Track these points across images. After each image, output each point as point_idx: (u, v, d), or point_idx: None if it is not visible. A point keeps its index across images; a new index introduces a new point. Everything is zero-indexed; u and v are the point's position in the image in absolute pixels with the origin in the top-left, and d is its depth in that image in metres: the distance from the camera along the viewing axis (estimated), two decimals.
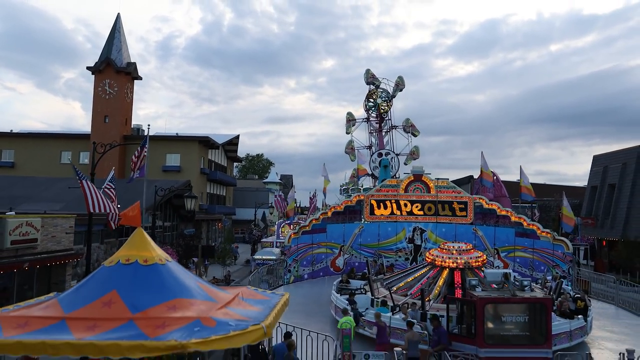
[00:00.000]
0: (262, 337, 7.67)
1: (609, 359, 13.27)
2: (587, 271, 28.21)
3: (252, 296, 9.99)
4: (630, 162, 39.49)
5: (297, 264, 23.76)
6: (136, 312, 7.51)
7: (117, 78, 53.49)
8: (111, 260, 8.69)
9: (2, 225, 15.73)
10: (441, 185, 25.93)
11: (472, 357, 11.60)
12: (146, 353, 6.83)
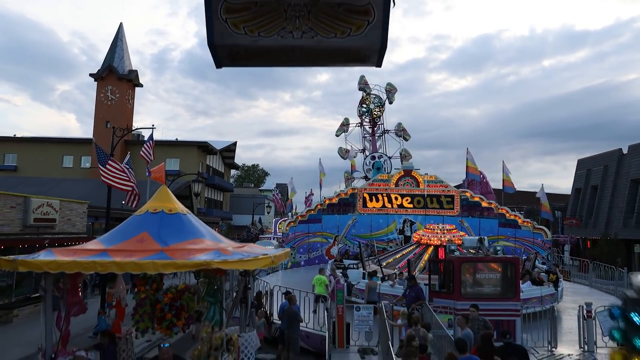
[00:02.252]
0: (270, 264, 9.27)
1: (571, 314, 14.88)
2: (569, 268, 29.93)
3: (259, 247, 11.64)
4: (611, 165, 41.41)
5: (294, 251, 25.32)
6: (165, 246, 9.11)
7: (119, 85, 55.24)
8: (140, 211, 10.32)
9: (27, 203, 17.27)
10: (430, 179, 27.65)
11: (450, 309, 13.17)
12: (177, 269, 8.45)
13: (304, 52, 3.44)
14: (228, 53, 3.43)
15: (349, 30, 3.17)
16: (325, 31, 3.19)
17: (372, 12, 3.10)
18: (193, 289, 11.45)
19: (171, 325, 10.41)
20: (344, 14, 3.14)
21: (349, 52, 3.32)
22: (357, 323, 12.98)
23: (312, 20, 3.16)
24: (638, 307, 1.78)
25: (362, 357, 12.41)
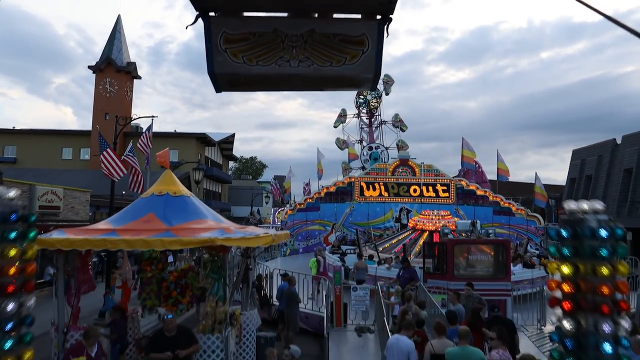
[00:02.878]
0: (270, 242, 9.77)
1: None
2: None
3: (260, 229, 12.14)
4: (605, 155, 41.94)
5: (292, 239, 25.84)
6: (170, 226, 9.56)
7: (118, 77, 55.40)
8: (146, 194, 10.78)
9: (32, 191, 17.71)
10: (426, 168, 28.12)
11: (444, 289, 13.70)
12: (183, 246, 8.93)
13: (301, 79, 3.55)
14: (228, 80, 3.54)
15: (344, 59, 3.25)
16: (322, 60, 3.26)
17: (367, 42, 3.20)
18: (196, 268, 11.97)
19: (176, 303, 10.96)
20: (339, 44, 3.23)
21: (345, 79, 3.46)
22: (354, 303, 13.49)
23: (309, 50, 3.23)
24: (568, 225, 2.18)
25: (359, 335, 12.92)
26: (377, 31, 3.18)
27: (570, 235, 2.15)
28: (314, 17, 3.19)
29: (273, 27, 3.15)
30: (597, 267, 2.06)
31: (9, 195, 2.24)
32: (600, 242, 2.05)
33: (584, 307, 2.10)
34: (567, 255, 2.17)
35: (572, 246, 2.14)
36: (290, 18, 3.17)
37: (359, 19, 3.21)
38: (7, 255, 2.14)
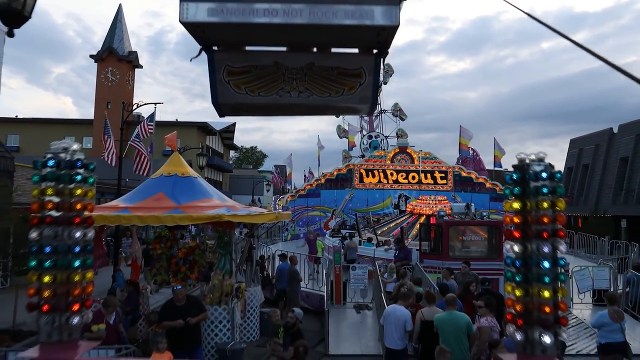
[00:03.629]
0: (274, 219, 10.37)
1: None
2: None
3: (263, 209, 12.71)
4: (602, 144, 42.47)
5: (293, 224, 26.47)
6: (179, 204, 10.14)
7: (119, 66, 55.73)
8: (155, 175, 11.35)
9: None
10: (424, 156, 28.68)
11: (439, 269, 14.31)
12: (193, 221, 9.51)
13: (301, 107, 3.72)
14: (231, 108, 3.70)
15: (343, 90, 3.35)
16: (321, 91, 3.36)
17: (364, 74, 3.30)
18: (203, 246, 12.57)
19: (185, 278, 11.56)
20: (337, 77, 3.33)
21: (343, 108, 3.70)
22: (353, 282, 14.09)
23: (308, 82, 3.33)
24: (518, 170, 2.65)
25: (358, 312, 13.53)
26: (374, 64, 3.29)
27: (519, 178, 2.70)
28: (313, 52, 3.31)
29: (274, 61, 3.26)
30: (539, 203, 2.62)
31: (74, 147, 2.79)
32: (542, 183, 2.61)
33: (530, 235, 2.66)
34: (517, 193, 2.72)
35: (521, 187, 2.70)
36: (290, 52, 3.29)
37: (356, 54, 3.33)
38: (74, 193, 2.70)
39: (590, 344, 11.10)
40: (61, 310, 2.61)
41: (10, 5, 4.25)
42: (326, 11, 2.73)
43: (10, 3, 4.25)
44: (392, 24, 2.78)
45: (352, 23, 2.75)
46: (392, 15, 2.76)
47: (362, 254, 16.93)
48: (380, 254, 16.65)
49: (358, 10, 2.73)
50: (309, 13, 2.73)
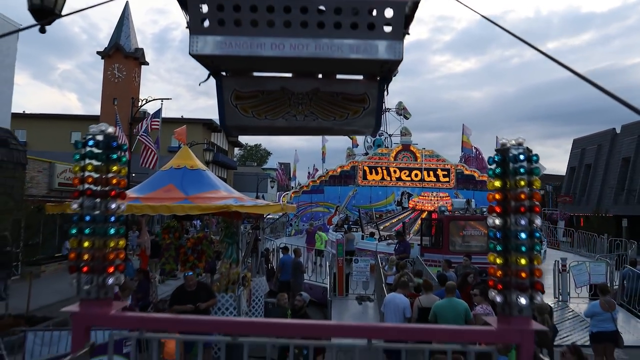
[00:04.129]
0: (280, 210, 10.74)
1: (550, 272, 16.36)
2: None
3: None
4: (604, 144, 42.68)
5: (297, 220, 26.86)
6: (188, 195, 10.52)
7: (126, 63, 56.14)
8: (165, 167, 11.75)
9: (52, 168, 18.75)
10: (427, 154, 29.00)
11: (439, 262, 14.67)
12: (202, 211, 9.88)
13: (306, 130, 3.82)
14: (239, 129, 3.84)
15: (347, 114, 3.43)
16: (326, 115, 3.43)
17: (368, 100, 3.36)
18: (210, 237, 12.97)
19: (194, 267, 11.95)
20: (342, 102, 3.38)
21: (347, 130, 3.80)
22: (356, 274, 14.47)
23: (314, 106, 3.39)
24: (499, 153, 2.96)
25: (360, 303, 13.90)
26: (378, 90, 3.34)
27: (500, 160, 3.06)
28: (319, 78, 3.36)
29: (280, 86, 3.31)
30: (517, 181, 2.98)
31: (109, 130, 3.17)
32: (520, 164, 2.97)
33: (509, 209, 3.02)
34: (498, 173, 3.08)
35: (502, 167, 3.05)
36: (296, 78, 3.33)
37: (361, 80, 3.38)
38: (110, 170, 3.08)
39: (585, 335, 11.42)
40: (98, 272, 2.99)
41: (43, 3, 4.60)
42: (331, 45, 2.81)
43: (42, 1, 4.60)
44: (396, 58, 2.87)
45: (357, 57, 2.83)
46: (396, 50, 2.84)
47: (365, 248, 17.31)
48: (382, 248, 17.02)
49: (363, 44, 2.81)
50: (314, 47, 2.81)
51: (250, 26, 2.78)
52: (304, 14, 2.75)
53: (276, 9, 2.74)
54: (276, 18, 2.76)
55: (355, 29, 2.78)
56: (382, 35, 2.81)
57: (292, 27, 2.77)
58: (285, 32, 2.78)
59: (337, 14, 2.75)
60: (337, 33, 2.78)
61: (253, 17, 2.76)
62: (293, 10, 2.74)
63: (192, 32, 2.83)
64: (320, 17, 2.76)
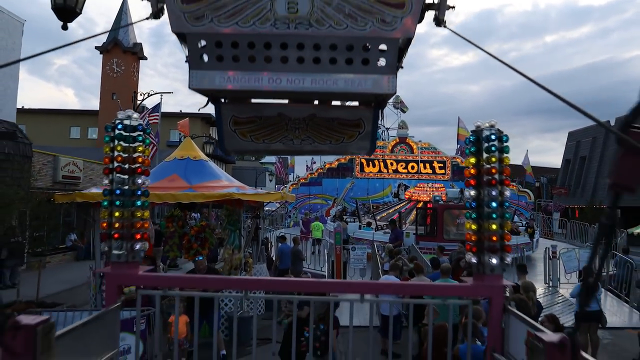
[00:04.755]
0: (280, 198, 11.20)
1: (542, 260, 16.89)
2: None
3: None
4: (599, 136, 43.18)
5: (296, 211, 27.34)
6: (192, 184, 10.97)
7: (124, 58, 56.34)
8: (168, 158, 12.19)
9: (56, 161, 19.16)
10: (423, 146, 29.47)
11: (434, 250, 15.16)
12: (206, 199, 10.33)
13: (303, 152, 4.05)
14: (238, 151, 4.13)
15: (343, 138, 3.50)
16: (322, 139, 3.51)
17: (363, 124, 3.43)
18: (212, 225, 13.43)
19: (197, 254, 12.40)
20: (338, 127, 3.46)
21: (342, 152, 4.09)
22: (353, 261, 14.95)
23: (310, 131, 3.46)
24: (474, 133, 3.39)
25: None
26: (373, 116, 3.42)
27: (475, 139, 3.51)
28: (315, 104, 3.46)
29: (278, 112, 3.39)
30: (489, 158, 3.43)
31: (135, 116, 3.62)
32: (491, 143, 3.43)
33: (482, 182, 3.49)
34: (473, 151, 3.53)
35: (476, 146, 3.51)
36: (293, 105, 3.42)
37: (356, 106, 3.48)
38: (136, 150, 3.54)
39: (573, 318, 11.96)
40: (127, 238, 3.46)
41: (65, 3, 5.04)
42: (327, 79, 2.89)
43: (65, 1, 5.05)
44: (390, 92, 2.98)
45: (352, 91, 2.94)
46: (390, 84, 2.92)
47: (362, 237, 17.78)
48: (378, 237, 17.52)
49: (357, 79, 2.89)
50: (310, 81, 2.89)
51: (248, 62, 2.87)
52: (300, 50, 2.83)
53: (273, 45, 2.83)
54: (273, 54, 2.85)
55: (350, 64, 2.88)
56: (376, 70, 2.90)
57: (288, 63, 2.87)
58: (282, 67, 2.88)
59: (332, 50, 2.84)
60: (332, 68, 2.88)
61: (251, 53, 2.85)
62: (290, 46, 2.83)
63: (192, 67, 2.92)
64: (316, 53, 2.85)
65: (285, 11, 2.73)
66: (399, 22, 2.76)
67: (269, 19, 2.74)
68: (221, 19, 2.76)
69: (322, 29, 2.75)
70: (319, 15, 2.73)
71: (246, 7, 2.72)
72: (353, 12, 2.73)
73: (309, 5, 2.71)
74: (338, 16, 2.73)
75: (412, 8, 2.73)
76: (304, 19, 2.74)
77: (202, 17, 2.77)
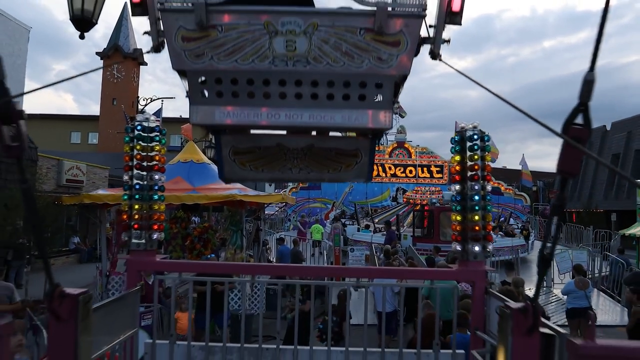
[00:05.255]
0: (281, 200, 11.58)
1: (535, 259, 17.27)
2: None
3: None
4: (595, 141, 43.63)
5: (295, 215, 27.69)
6: (195, 186, 11.34)
7: (125, 63, 56.89)
8: (172, 161, 12.57)
9: (60, 165, 19.56)
10: (421, 151, 29.87)
11: (430, 251, 15.53)
12: (209, 200, 10.70)
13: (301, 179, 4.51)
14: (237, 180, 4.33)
15: (340, 167, 3.57)
16: (320, 168, 3.57)
17: (360, 154, 3.49)
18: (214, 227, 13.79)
19: (200, 254, 12.76)
20: (335, 157, 3.52)
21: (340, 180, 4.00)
22: (352, 262, 15.31)
23: (308, 160, 3.51)
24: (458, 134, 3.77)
25: (356, 290, 14.73)
26: (370, 146, 3.48)
27: (459, 139, 3.89)
28: (313, 135, 3.52)
29: (277, 142, 3.44)
30: (472, 156, 3.80)
31: (152, 118, 3.99)
32: (474, 142, 3.80)
33: (466, 178, 3.86)
34: (458, 150, 3.90)
35: (460, 145, 3.88)
36: (292, 135, 3.49)
37: (353, 137, 3.58)
38: (153, 149, 3.92)
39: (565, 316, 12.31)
40: (145, 228, 3.83)
41: (83, 14, 5.44)
42: (325, 115, 2.96)
43: (83, 12, 5.45)
44: (386, 127, 3.07)
45: (349, 125, 3.02)
46: (386, 120, 2.99)
47: (360, 239, 18.13)
48: (377, 239, 17.87)
49: (354, 114, 2.97)
50: (308, 116, 2.97)
51: (247, 97, 2.95)
52: (298, 87, 2.91)
53: (272, 82, 2.90)
54: (272, 90, 2.92)
55: (347, 100, 2.95)
56: (372, 105, 2.97)
57: (287, 99, 2.94)
58: (281, 103, 2.95)
59: (329, 86, 2.92)
60: (330, 104, 2.96)
61: (250, 89, 2.93)
62: (288, 83, 2.90)
63: (192, 103, 2.98)
64: (313, 89, 2.93)
65: (284, 49, 2.80)
66: (395, 60, 2.84)
67: (267, 57, 2.81)
68: (221, 57, 2.82)
69: (319, 66, 2.83)
70: (317, 53, 2.81)
71: (245, 45, 2.80)
72: (350, 50, 2.81)
73: (307, 44, 2.78)
74: (335, 54, 2.81)
75: (407, 46, 2.82)
76: (302, 57, 2.81)
77: (202, 55, 2.83)
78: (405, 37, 2.80)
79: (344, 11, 2.87)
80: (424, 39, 2.94)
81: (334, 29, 2.78)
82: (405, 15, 2.77)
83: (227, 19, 2.78)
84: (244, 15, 2.77)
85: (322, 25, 2.77)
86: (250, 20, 2.76)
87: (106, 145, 55.15)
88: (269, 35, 2.77)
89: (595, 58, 1.84)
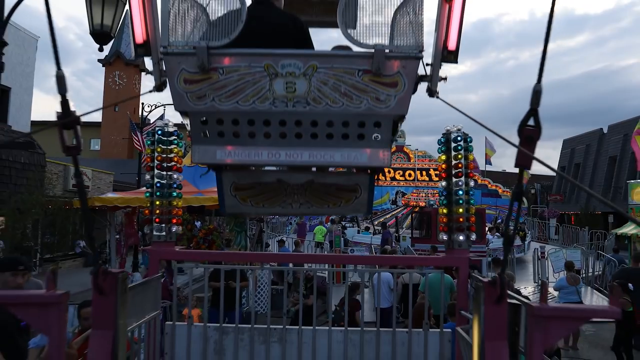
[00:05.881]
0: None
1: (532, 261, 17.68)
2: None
3: None
4: (593, 144, 44.14)
5: (297, 218, 28.09)
6: (201, 189, 11.80)
7: (126, 70, 57.50)
8: None
9: (66, 171, 20.06)
10: (420, 154, 30.36)
11: (428, 252, 15.96)
12: (214, 202, 11.10)
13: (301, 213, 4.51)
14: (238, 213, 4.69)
15: (340, 202, 3.60)
16: (320, 203, 3.60)
17: (359, 189, 3.53)
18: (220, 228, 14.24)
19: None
20: (335, 192, 3.57)
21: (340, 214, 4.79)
22: None
23: (308, 196, 3.54)
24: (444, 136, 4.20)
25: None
26: (369, 182, 3.55)
27: (445, 140, 4.35)
28: (313, 171, 3.59)
29: (277, 178, 3.52)
30: (456, 155, 4.24)
31: (170, 123, 4.47)
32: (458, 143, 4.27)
33: (451, 175, 4.33)
34: (444, 150, 4.35)
35: (446, 146, 4.35)
36: (292, 171, 3.58)
37: (352, 173, 3.65)
38: (172, 151, 4.40)
39: None
40: (165, 222, 4.30)
41: (102, 29, 5.94)
42: (324, 154, 3.03)
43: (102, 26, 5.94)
44: (385, 165, 3.14)
45: (348, 164, 3.12)
46: (385, 158, 3.08)
47: (360, 241, 18.60)
48: (376, 241, 18.35)
49: (353, 153, 3.04)
50: (308, 155, 3.04)
51: (248, 137, 3.02)
52: (298, 127, 2.99)
53: (272, 122, 2.97)
54: (272, 130, 3.00)
55: (346, 139, 3.02)
56: (371, 144, 3.04)
57: (287, 138, 3.01)
58: (281, 142, 3.02)
59: (329, 126, 2.99)
60: (329, 143, 3.02)
61: (251, 129, 3.00)
62: (288, 123, 2.98)
63: (194, 142, 3.08)
64: (313, 129, 3.00)
65: (284, 91, 2.88)
66: (393, 100, 2.93)
67: (268, 98, 2.89)
68: (222, 98, 2.90)
69: (319, 107, 2.91)
70: (316, 94, 2.89)
71: (246, 87, 2.88)
72: (348, 91, 2.89)
73: (306, 85, 2.87)
74: (334, 95, 2.89)
75: (405, 87, 2.92)
76: (302, 98, 2.89)
77: (204, 97, 2.90)
78: (402, 78, 2.90)
79: (343, 53, 3.02)
80: (422, 77, 3.06)
81: (332, 70, 2.88)
82: (402, 57, 2.88)
83: (228, 62, 2.87)
84: (244, 58, 2.86)
85: (321, 67, 2.87)
86: (250, 63, 2.86)
87: (108, 151, 55.69)
88: (269, 77, 2.86)
89: (542, 72, 2.24)
